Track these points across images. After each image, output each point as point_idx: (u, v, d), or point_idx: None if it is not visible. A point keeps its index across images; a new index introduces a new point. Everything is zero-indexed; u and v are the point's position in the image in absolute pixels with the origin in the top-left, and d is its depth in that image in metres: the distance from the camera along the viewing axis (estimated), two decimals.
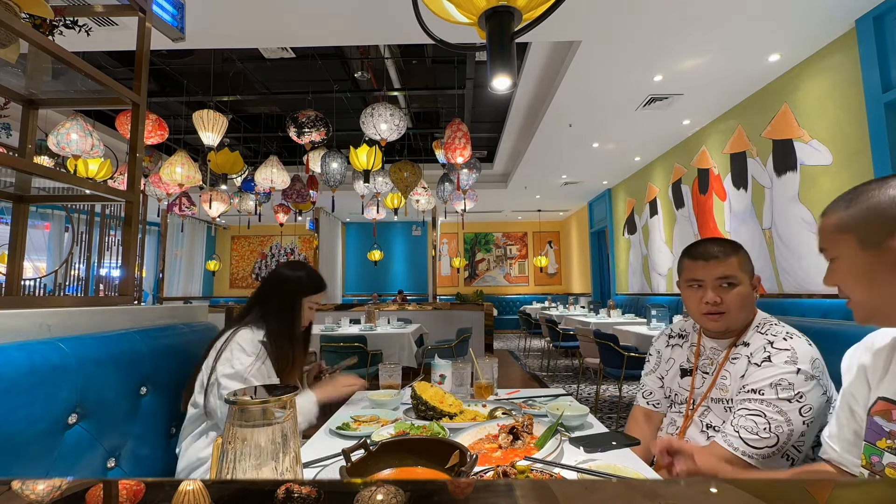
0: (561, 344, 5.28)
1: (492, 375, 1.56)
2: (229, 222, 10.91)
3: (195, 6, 2.91)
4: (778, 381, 0.98)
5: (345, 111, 6.19)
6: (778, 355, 1.01)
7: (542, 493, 0.37)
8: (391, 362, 1.60)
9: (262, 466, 0.58)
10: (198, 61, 4.94)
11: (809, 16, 3.21)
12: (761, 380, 1.00)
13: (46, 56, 1.21)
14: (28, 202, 1.46)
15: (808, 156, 3.76)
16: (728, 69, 3.98)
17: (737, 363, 1.10)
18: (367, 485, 0.35)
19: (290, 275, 1.48)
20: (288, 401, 0.62)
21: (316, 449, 1.09)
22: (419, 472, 0.78)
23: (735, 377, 1.08)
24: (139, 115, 1.49)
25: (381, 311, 5.11)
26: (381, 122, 3.77)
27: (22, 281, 1.46)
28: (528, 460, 0.91)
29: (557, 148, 6.17)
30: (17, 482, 0.35)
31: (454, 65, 5.29)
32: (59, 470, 0.96)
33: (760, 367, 1.02)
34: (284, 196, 5.34)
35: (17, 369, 0.89)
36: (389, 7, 3.08)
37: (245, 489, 0.43)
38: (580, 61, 3.85)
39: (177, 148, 4.81)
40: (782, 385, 0.97)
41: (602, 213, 8.93)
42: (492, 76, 0.81)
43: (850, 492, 0.40)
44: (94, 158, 3.87)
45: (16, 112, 1.52)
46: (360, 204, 6.23)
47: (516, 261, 12.15)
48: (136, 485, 0.40)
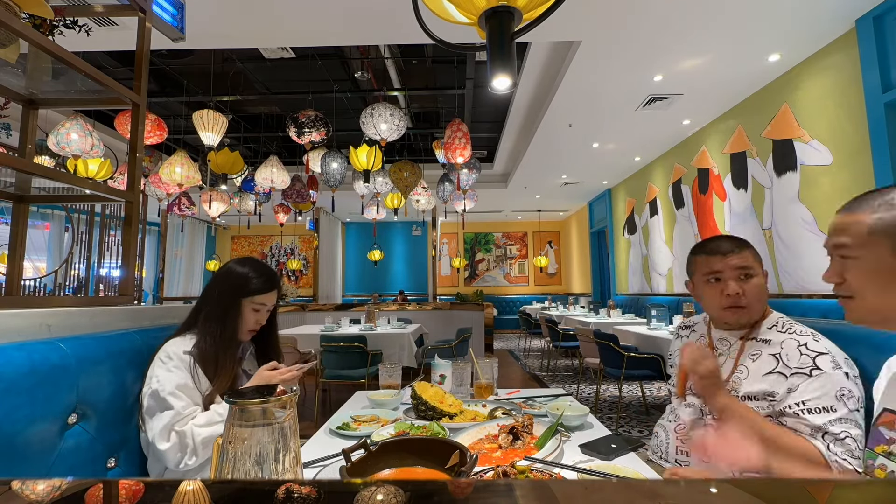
0: (561, 344, 5.28)
1: (492, 375, 1.56)
2: (229, 222, 10.91)
3: (195, 6, 2.91)
4: (842, 393, 0.96)
5: (345, 111, 6.19)
6: (821, 359, 1.00)
7: (542, 493, 0.37)
8: (391, 362, 1.60)
9: (262, 466, 0.58)
10: (198, 61, 4.94)
11: (809, 16, 3.21)
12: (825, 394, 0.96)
13: (46, 56, 1.21)
14: (28, 202, 1.46)
15: (808, 156, 3.76)
16: (728, 69, 3.98)
17: (757, 360, 1.08)
18: (367, 485, 0.35)
19: (235, 271, 1.29)
20: (288, 401, 0.62)
21: (316, 449, 1.09)
22: (419, 472, 0.78)
23: (756, 375, 1.07)
24: (139, 115, 1.49)
25: (381, 311, 5.11)
26: (381, 122, 3.77)
27: (22, 281, 1.46)
28: (528, 460, 0.91)
29: (557, 148, 6.17)
30: (17, 482, 0.35)
31: (454, 65, 5.29)
32: (59, 470, 0.96)
33: (811, 377, 0.99)
34: (284, 196, 5.34)
35: (17, 369, 0.89)
36: (389, 7, 3.07)
37: (245, 489, 0.43)
38: (580, 61, 3.85)
39: (177, 148, 4.81)
40: (846, 395, 0.95)
41: (602, 213, 8.93)
42: (492, 76, 0.81)
43: (850, 492, 0.40)
44: (94, 158, 3.88)
45: (16, 112, 1.52)
46: (360, 204, 6.24)
47: (516, 261, 12.15)
48: (136, 485, 0.40)
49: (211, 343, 1.22)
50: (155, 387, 1.13)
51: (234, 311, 1.26)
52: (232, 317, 1.26)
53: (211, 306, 1.26)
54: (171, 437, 1.11)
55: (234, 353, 1.28)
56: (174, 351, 1.19)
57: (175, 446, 1.10)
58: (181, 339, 1.23)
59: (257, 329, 1.33)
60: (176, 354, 1.18)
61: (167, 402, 1.12)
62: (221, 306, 1.26)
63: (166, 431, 1.11)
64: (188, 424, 1.13)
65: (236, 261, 1.34)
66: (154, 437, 1.10)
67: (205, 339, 1.22)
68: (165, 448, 1.10)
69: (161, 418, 1.11)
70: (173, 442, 1.10)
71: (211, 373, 1.20)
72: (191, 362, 1.19)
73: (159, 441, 1.10)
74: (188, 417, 1.14)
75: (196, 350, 1.21)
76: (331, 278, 10.54)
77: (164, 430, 1.10)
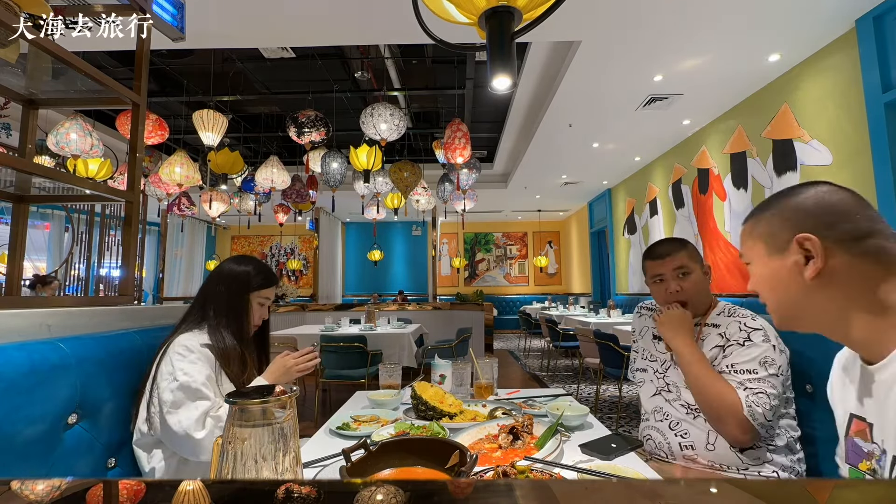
0: (561, 344, 5.27)
1: (492, 375, 1.56)
2: (229, 222, 10.91)
3: (195, 6, 2.90)
4: (764, 359, 1.13)
5: (345, 111, 6.19)
6: (755, 334, 1.17)
7: (542, 493, 0.37)
8: (391, 362, 1.60)
9: (262, 466, 0.58)
10: (198, 61, 4.94)
11: (809, 16, 3.21)
12: (751, 359, 1.14)
13: (46, 56, 1.21)
14: (28, 202, 1.46)
15: (808, 156, 3.76)
16: (728, 69, 3.98)
17: (707, 341, 1.25)
18: (367, 485, 0.35)
19: (237, 269, 1.34)
20: (288, 401, 0.62)
21: (316, 449, 1.09)
22: (419, 472, 0.78)
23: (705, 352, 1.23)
24: (139, 115, 1.49)
25: (381, 311, 5.11)
26: (381, 122, 3.77)
27: (22, 281, 1.46)
28: (528, 460, 0.91)
29: (557, 148, 6.17)
30: (16, 482, 0.35)
31: (454, 65, 5.29)
32: (59, 470, 0.96)
33: (743, 346, 1.16)
34: (284, 196, 5.34)
35: (17, 369, 0.89)
36: (389, 7, 3.07)
37: (245, 489, 0.43)
38: (580, 61, 3.85)
39: (177, 148, 4.81)
40: (768, 362, 1.12)
41: (602, 213, 8.93)
42: (492, 76, 0.81)
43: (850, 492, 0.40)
44: (93, 158, 3.87)
45: (16, 112, 1.52)
46: (360, 204, 6.23)
47: (516, 261, 12.15)
48: (136, 485, 0.40)
49: (231, 340, 1.27)
50: (183, 379, 1.13)
51: (244, 307, 1.33)
52: (244, 312, 1.33)
53: (220, 305, 1.30)
54: (206, 424, 1.11)
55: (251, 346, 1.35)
56: (191, 344, 1.20)
57: (210, 432, 1.11)
58: (191, 333, 1.24)
59: (259, 323, 1.39)
60: (195, 347, 1.20)
61: (201, 392, 1.14)
62: (232, 303, 1.31)
63: (202, 420, 1.11)
64: (222, 409, 1.15)
65: (234, 259, 1.38)
66: (187, 427, 1.09)
67: (223, 338, 1.26)
68: (202, 435, 1.09)
69: (195, 408, 1.11)
70: (209, 428, 1.11)
71: (238, 367, 1.26)
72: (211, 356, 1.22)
73: (195, 430, 1.09)
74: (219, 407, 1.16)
75: (217, 348, 1.24)
76: (331, 278, 10.54)
77: (199, 419, 1.10)
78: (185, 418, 1.10)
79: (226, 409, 1.15)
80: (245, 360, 1.29)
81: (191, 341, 1.21)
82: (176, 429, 1.09)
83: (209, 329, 1.27)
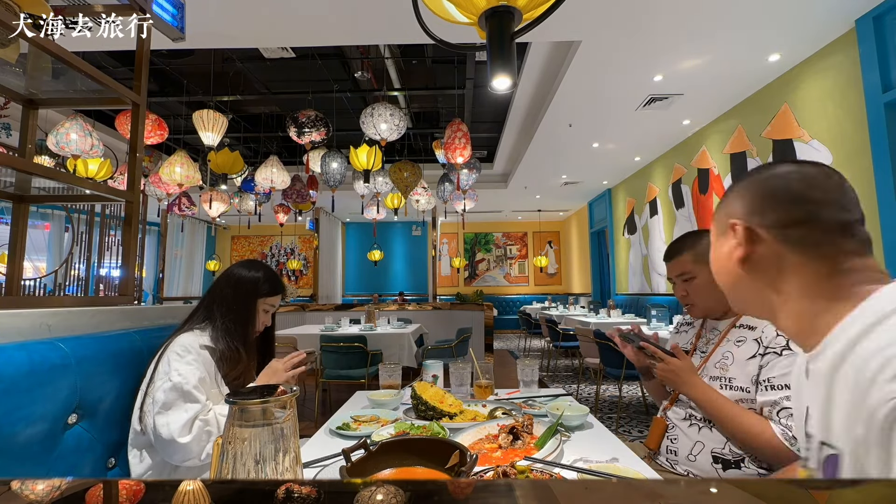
0: (561, 344, 5.27)
1: (491, 375, 1.56)
2: (229, 222, 10.91)
3: (195, 6, 2.90)
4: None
5: (345, 111, 6.19)
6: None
7: (542, 493, 0.37)
8: (391, 362, 1.60)
9: (262, 466, 0.58)
10: (198, 61, 4.93)
11: (809, 16, 3.21)
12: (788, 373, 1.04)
13: (46, 56, 1.21)
14: (28, 202, 1.46)
15: (807, 156, 3.76)
16: (728, 69, 3.98)
17: (742, 346, 1.15)
18: (367, 485, 0.35)
19: (246, 274, 1.36)
20: (288, 401, 0.62)
21: (316, 449, 1.09)
22: (419, 472, 0.78)
23: (740, 360, 1.14)
24: (139, 115, 1.49)
25: (381, 311, 5.11)
26: (381, 122, 3.77)
27: (22, 281, 1.46)
28: (528, 460, 0.91)
29: (557, 148, 6.17)
30: (16, 482, 0.35)
31: (454, 65, 5.29)
32: (59, 470, 0.96)
33: (781, 355, 1.08)
34: (284, 196, 5.33)
35: (17, 369, 0.89)
36: (389, 7, 3.07)
37: (245, 489, 0.43)
38: (580, 61, 3.85)
39: (177, 148, 4.81)
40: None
41: (602, 213, 8.93)
42: (492, 76, 0.81)
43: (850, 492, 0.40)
44: (93, 158, 3.87)
45: (16, 112, 1.52)
46: (360, 204, 6.23)
47: (516, 261, 12.15)
48: (136, 485, 0.40)
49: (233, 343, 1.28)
50: (177, 380, 1.12)
51: (251, 312, 1.34)
52: (250, 317, 1.34)
53: (226, 308, 1.31)
54: (193, 429, 1.10)
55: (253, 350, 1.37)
56: (190, 345, 1.20)
57: (198, 437, 1.09)
58: (191, 333, 1.24)
59: (262, 329, 1.41)
60: (193, 348, 1.19)
61: (192, 395, 1.13)
62: (238, 309, 1.32)
63: (189, 424, 1.10)
64: (210, 412, 1.14)
65: (244, 264, 1.39)
66: (173, 431, 1.07)
67: (226, 341, 1.27)
68: (187, 441, 1.08)
69: (185, 411, 1.10)
70: (196, 433, 1.09)
71: (236, 371, 1.27)
72: (209, 358, 1.22)
73: (180, 435, 1.07)
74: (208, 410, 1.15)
75: (218, 351, 1.25)
76: (331, 278, 10.53)
77: (187, 424, 1.09)
78: (172, 421, 1.09)
79: (215, 412, 1.15)
80: (244, 365, 1.30)
81: (190, 342, 1.21)
82: (162, 431, 1.08)
83: (213, 331, 1.28)
